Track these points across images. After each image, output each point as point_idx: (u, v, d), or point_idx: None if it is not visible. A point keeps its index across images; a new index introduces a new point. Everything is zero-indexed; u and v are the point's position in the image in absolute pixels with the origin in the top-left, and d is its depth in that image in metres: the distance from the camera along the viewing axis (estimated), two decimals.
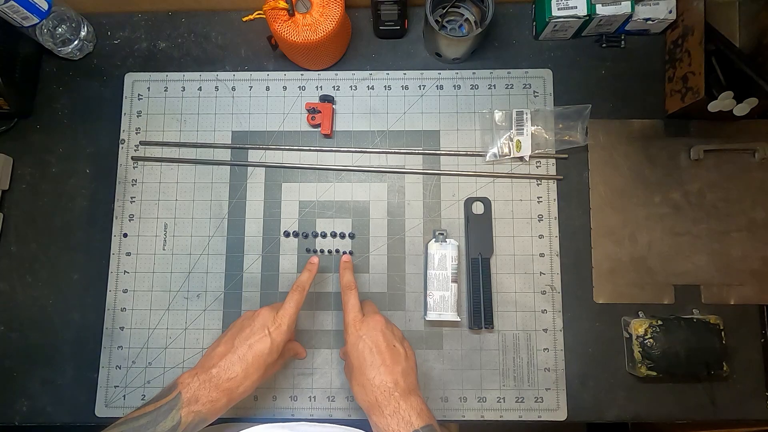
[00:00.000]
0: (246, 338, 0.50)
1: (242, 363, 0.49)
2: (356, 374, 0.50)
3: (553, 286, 0.65)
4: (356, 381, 0.50)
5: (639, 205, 0.66)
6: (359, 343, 0.51)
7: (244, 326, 0.52)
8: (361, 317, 0.53)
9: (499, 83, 0.69)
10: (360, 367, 0.50)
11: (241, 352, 0.50)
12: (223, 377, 0.48)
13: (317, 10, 0.61)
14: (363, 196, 0.67)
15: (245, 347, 0.50)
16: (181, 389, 0.48)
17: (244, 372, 0.49)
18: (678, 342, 0.59)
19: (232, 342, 0.51)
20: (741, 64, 0.59)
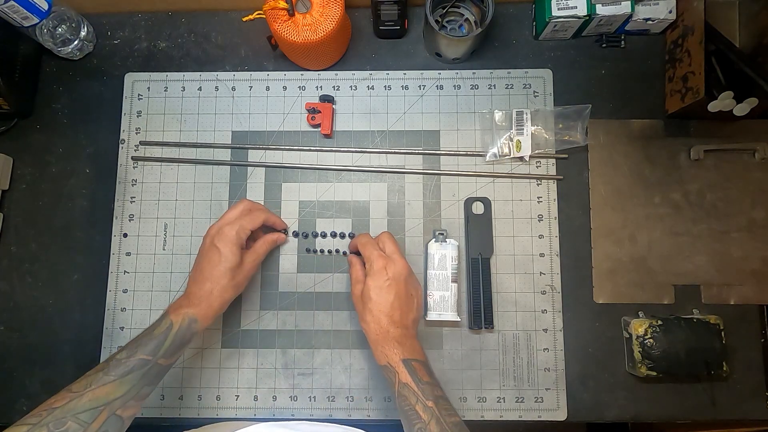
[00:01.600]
0: (202, 256, 0.57)
1: (207, 277, 0.55)
2: (374, 308, 0.55)
3: (553, 286, 0.65)
4: (372, 314, 0.55)
5: (639, 205, 0.66)
6: (386, 285, 0.55)
7: (202, 247, 0.59)
8: (385, 255, 0.57)
9: (499, 83, 0.69)
10: (380, 304, 0.55)
11: (200, 267, 0.56)
12: (197, 293, 0.55)
13: (317, 10, 0.61)
14: (363, 196, 0.67)
15: (204, 263, 0.56)
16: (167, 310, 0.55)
17: (211, 282, 0.55)
18: (678, 342, 0.59)
19: (197, 265, 0.58)
20: (741, 64, 0.59)
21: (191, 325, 0.53)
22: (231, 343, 0.65)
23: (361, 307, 0.57)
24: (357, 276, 0.59)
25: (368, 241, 0.59)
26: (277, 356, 0.64)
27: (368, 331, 0.56)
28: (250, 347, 0.64)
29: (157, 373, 0.50)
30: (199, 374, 0.64)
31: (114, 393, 0.46)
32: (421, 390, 0.51)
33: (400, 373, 0.52)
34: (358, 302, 0.58)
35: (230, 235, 0.56)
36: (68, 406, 0.44)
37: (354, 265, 0.60)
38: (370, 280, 0.56)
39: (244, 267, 0.57)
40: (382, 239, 0.59)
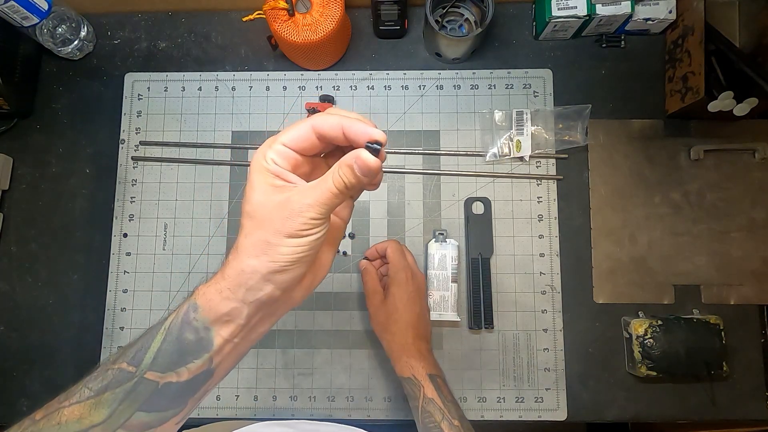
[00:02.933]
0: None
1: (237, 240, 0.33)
2: (400, 319, 0.55)
3: (553, 286, 0.65)
4: (398, 324, 0.55)
5: (639, 205, 0.66)
6: (412, 296, 0.57)
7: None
8: (410, 266, 0.59)
9: (499, 83, 0.69)
10: (406, 315, 0.56)
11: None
12: (225, 265, 0.33)
13: (317, 10, 0.61)
14: (363, 196, 0.67)
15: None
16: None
17: (236, 243, 0.33)
18: (678, 342, 0.59)
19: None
20: (741, 64, 0.59)
21: (192, 319, 0.32)
22: None
23: (383, 317, 0.56)
24: (374, 286, 0.59)
25: (399, 248, 0.59)
26: (277, 356, 0.64)
27: (392, 342, 0.55)
28: (250, 347, 0.64)
29: (154, 396, 0.32)
30: None
31: (89, 417, 0.31)
32: (447, 408, 0.51)
33: (426, 387, 0.52)
34: (378, 311, 0.57)
35: (256, 161, 0.32)
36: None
37: (369, 272, 0.60)
38: (396, 289, 0.56)
39: (289, 209, 0.31)
40: (401, 250, 0.59)
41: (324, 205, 0.31)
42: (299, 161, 0.33)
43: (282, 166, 0.32)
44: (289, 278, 0.32)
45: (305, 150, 0.33)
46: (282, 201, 0.31)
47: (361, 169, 0.31)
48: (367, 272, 0.60)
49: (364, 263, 0.62)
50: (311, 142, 0.33)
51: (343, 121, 0.32)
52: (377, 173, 0.32)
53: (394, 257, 0.58)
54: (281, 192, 0.31)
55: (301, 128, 0.33)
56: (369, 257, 0.63)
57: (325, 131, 0.32)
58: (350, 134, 0.32)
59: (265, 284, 0.32)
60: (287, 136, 0.33)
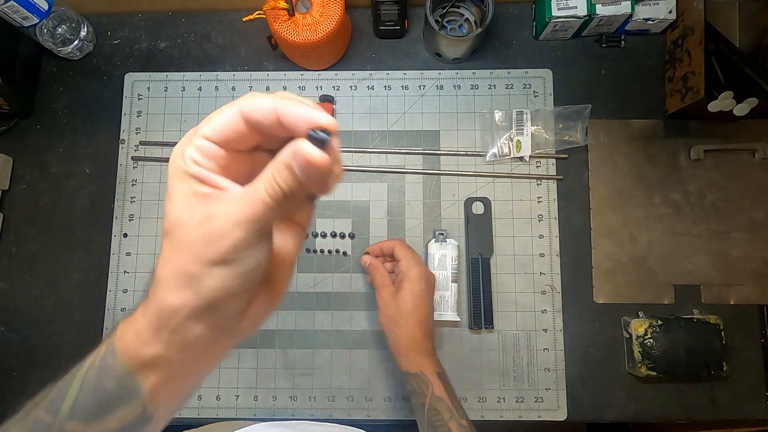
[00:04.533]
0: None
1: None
2: (411, 315, 0.55)
3: (553, 286, 0.65)
4: (408, 320, 0.55)
5: (639, 205, 0.66)
6: (424, 293, 0.56)
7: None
8: (424, 265, 0.59)
9: (499, 83, 0.69)
10: (417, 312, 0.55)
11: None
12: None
13: (317, 10, 0.61)
14: (363, 196, 0.67)
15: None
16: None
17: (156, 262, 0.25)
18: (678, 342, 0.59)
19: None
20: (741, 64, 0.59)
21: (110, 365, 0.28)
22: None
23: (394, 310, 0.56)
24: (383, 280, 0.58)
25: (408, 246, 0.60)
26: (277, 356, 0.64)
27: (400, 336, 0.55)
28: (250, 347, 0.64)
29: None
30: None
31: None
32: (455, 407, 0.51)
33: (435, 385, 0.52)
34: (389, 305, 0.56)
35: (173, 161, 0.24)
36: None
37: (378, 268, 0.60)
38: (409, 285, 0.56)
39: (211, 228, 0.23)
40: (411, 249, 0.60)
41: (254, 221, 0.23)
42: (229, 158, 0.24)
43: (206, 167, 0.24)
44: (223, 316, 0.25)
45: (235, 143, 0.24)
46: (204, 217, 0.23)
47: (301, 168, 0.22)
48: (376, 267, 0.60)
49: (369, 259, 0.61)
50: (241, 132, 0.24)
51: (277, 104, 0.23)
52: (327, 172, 0.22)
53: (407, 253, 0.58)
54: (206, 203, 0.23)
55: (226, 114, 0.24)
56: (372, 254, 0.62)
57: (256, 117, 0.23)
58: (287, 120, 0.23)
59: (193, 324, 0.25)
60: (209, 127, 0.24)
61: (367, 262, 0.62)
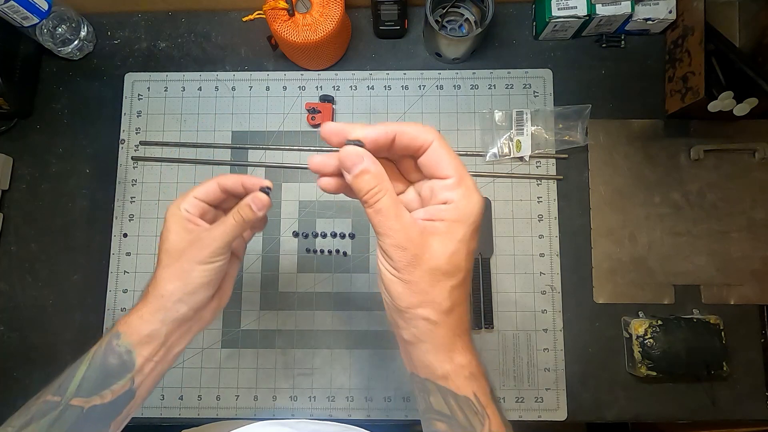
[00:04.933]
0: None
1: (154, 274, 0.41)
2: (457, 289, 0.32)
3: (553, 286, 0.65)
4: (448, 298, 0.31)
5: (639, 205, 0.66)
6: (472, 252, 0.33)
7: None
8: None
9: (499, 83, 0.69)
10: (466, 287, 0.33)
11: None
12: (143, 296, 0.42)
13: (317, 10, 0.61)
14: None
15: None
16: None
17: (153, 276, 0.41)
18: (678, 342, 0.59)
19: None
20: (741, 64, 0.59)
21: (114, 345, 0.39)
22: (231, 343, 0.65)
23: (428, 277, 0.31)
24: (398, 212, 0.31)
25: (448, 146, 0.32)
26: (277, 356, 0.64)
27: (436, 327, 0.31)
28: (250, 347, 0.64)
29: (80, 420, 0.36)
30: (199, 374, 0.64)
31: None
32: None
33: (492, 420, 0.32)
34: (416, 267, 0.30)
35: (171, 211, 0.41)
36: None
37: (382, 182, 0.31)
38: (463, 229, 0.31)
39: (200, 242, 0.39)
40: (454, 154, 0.32)
41: (227, 236, 0.39)
42: (206, 210, 0.43)
43: (193, 213, 0.41)
44: (199, 299, 0.40)
45: (211, 201, 0.43)
46: (193, 238, 0.40)
47: (256, 205, 0.39)
48: (380, 179, 0.31)
49: (358, 156, 0.31)
50: (216, 195, 0.42)
51: (242, 178, 0.42)
52: (266, 209, 0.40)
53: (458, 164, 0.31)
54: (191, 233, 0.40)
55: (209, 184, 0.42)
56: (365, 143, 0.32)
57: (228, 186, 0.42)
58: (248, 185, 0.41)
59: (180, 305, 0.39)
60: (198, 191, 0.42)
61: (354, 161, 0.31)
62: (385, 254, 0.31)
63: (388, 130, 0.31)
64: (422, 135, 0.31)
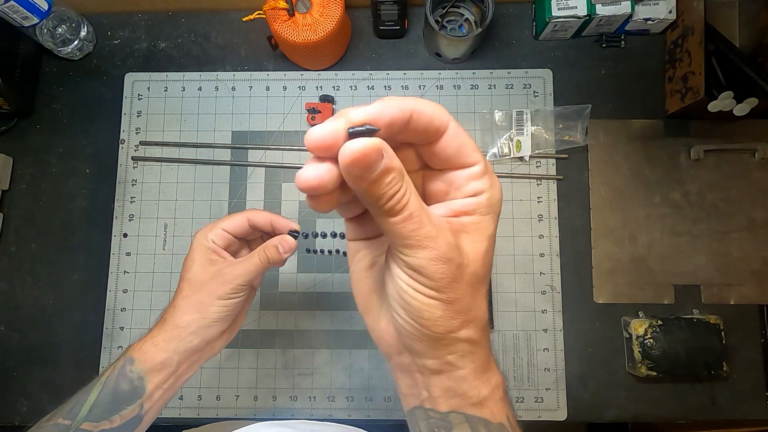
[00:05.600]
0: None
1: (174, 297, 0.44)
2: (483, 296, 0.26)
3: (553, 286, 0.65)
4: (480, 308, 0.26)
5: (639, 205, 0.66)
6: (495, 232, 0.27)
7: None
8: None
9: (499, 83, 0.69)
10: (486, 291, 0.27)
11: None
12: (161, 320, 0.43)
13: (317, 10, 0.61)
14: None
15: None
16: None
17: (173, 302, 0.43)
18: (678, 342, 0.59)
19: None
20: (741, 64, 0.59)
21: (128, 371, 0.39)
22: (231, 343, 0.64)
23: (465, 284, 0.25)
24: (419, 215, 0.23)
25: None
26: (277, 356, 0.64)
27: (478, 344, 0.26)
28: (250, 347, 0.64)
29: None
30: (199, 374, 0.64)
31: None
32: None
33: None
34: (447, 271, 0.24)
35: (198, 239, 0.43)
36: None
37: (397, 175, 0.22)
38: (490, 223, 0.26)
39: (222, 277, 0.41)
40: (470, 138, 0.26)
41: (249, 274, 0.41)
42: (232, 242, 0.44)
43: (219, 245, 0.43)
44: (213, 333, 0.42)
45: (238, 234, 0.44)
46: (216, 271, 0.41)
47: (284, 248, 0.42)
48: (398, 174, 0.22)
49: (359, 144, 0.21)
50: (244, 229, 0.44)
51: (272, 218, 0.44)
52: (292, 253, 0.43)
53: (477, 148, 0.25)
54: (215, 264, 0.42)
55: (239, 218, 0.44)
56: (374, 121, 0.22)
57: (257, 223, 0.44)
58: (277, 226, 0.44)
59: (194, 337, 0.41)
60: (227, 224, 0.43)
61: (371, 159, 0.21)
62: (417, 273, 0.23)
63: (404, 107, 0.22)
64: (439, 115, 0.24)
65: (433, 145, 0.25)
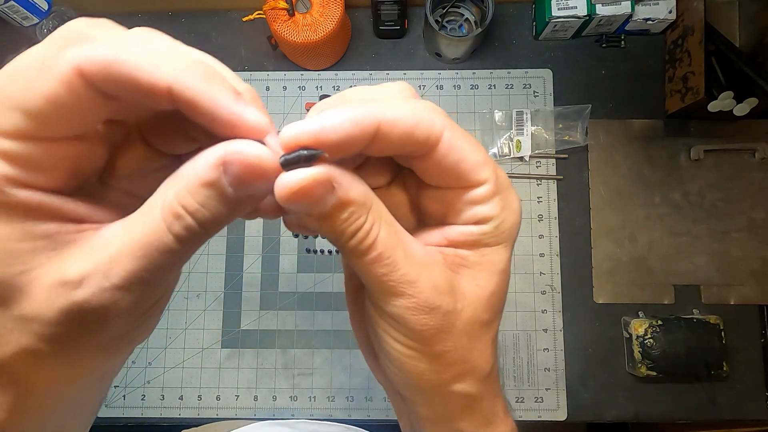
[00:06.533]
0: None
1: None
2: (493, 335, 0.21)
3: (553, 286, 0.65)
4: (492, 355, 0.21)
5: (639, 205, 0.66)
6: (509, 264, 0.22)
7: None
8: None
9: (499, 83, 0.69)
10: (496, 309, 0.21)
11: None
12: None
13: (317, 10, 0.61)
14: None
15: None
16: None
17: None
18: (678, 342, 0.59)
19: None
20: (741, 64, 0.59)
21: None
22: (231, 343, 0.65)
23: (476, 326, 0.20)
24: (414, 253, 0.19)
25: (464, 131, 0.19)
26: (277, 356, 0.64)
27: (484, 383, 0.21)
28: (250, 347, 0.64)
29: None
30: (199, 374, 0.64)
31: None
32: None
33: None
34: (458, 318, 0.19)
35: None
36: None
37: (368, 198, 0.18)
38: (498, 251, 0.22)
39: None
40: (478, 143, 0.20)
41: (148, 269, 0.16)
42: (72, 156, 0.16)
43: (42, 186, 0.15)
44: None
45: (72, 125, 0.16)
46: (63, 279, 0.15)
47: (240, 177, 0.16)
48: (329, 177, 0.16)
49: (298, 176, 0.16)
50: (83, 103, 0.15)
51: (190, 72, 0.16)
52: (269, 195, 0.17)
53: (473, 144, 0.19)
54: (58, 252, 0.15)
55: (50, 81, 0.15)
56: (327, 146, 0.16)
57: (136, 76, 0.15)
58: (213, 104, 0.16)
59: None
60: (20, 109, 0.15)
61: (316, 195, 0.16)
62: (394, 321, 0.19)
63: (363, 119, 0.16)
64: (424, 124, 0.17)
65: (421, 160, 0.19)
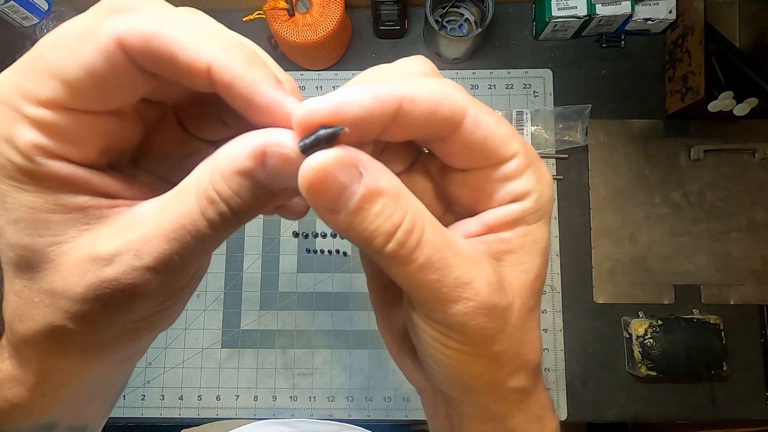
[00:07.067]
0: None
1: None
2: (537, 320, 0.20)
3: (553, 286, 0.65)
4: (537, 344, 0.19)
5: (639, 205, 0.66)
6: (548, 240, 0.19)
7: None
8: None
9: (499, 83, 0.69)
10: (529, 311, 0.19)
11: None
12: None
13: (317, 10, 0.61)
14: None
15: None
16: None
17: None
18: (678, 342, 0.59)
19: None
20: (741, 64, 0.59)
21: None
22: (231, 343, 0.65)
23: (519, 319, 0.18)
24: (434, 227, 0.16)
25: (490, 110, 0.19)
26: (277, 356, 0.64)
27: (536, 374, 0.20)
28: (250, 347, 0.64)
29: None
30: (199, 374, 0.64)
31: None
32: None
33: None
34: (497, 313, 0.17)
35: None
36: None
37: (402, 194, 0.16)
38: (539, 228, 0.18)
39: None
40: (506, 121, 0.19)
41: (180, 252, 0.15)
42: (106, 131, 0.15)
43: (74, 158, 0.15)
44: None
45: (109, 99, 0.15)
46: (94, 253, 0.15)
47: (279, 170, 0.15)
48: (357, 163, 0.15)
49: (320, 159, 0.14)
50: (120, 77, 0.15)
51: (236, 63, 0.15)
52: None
53: (498, 119, 0.19)
54: (91, 227, 0.15)
55: (91, 52, 0.14)
56: (352, 128, 0.15)
57: (176, 52, 0.14)
58: (257, 96, 0.15)
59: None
60: (57, 78, 0.15)
61: (340, 186, 0.14)
62: (448, 329, 0.17)
63: (384, 94, 0.15)
64: (447, 100, 0.17)
65: (446, 142, 0.17)
